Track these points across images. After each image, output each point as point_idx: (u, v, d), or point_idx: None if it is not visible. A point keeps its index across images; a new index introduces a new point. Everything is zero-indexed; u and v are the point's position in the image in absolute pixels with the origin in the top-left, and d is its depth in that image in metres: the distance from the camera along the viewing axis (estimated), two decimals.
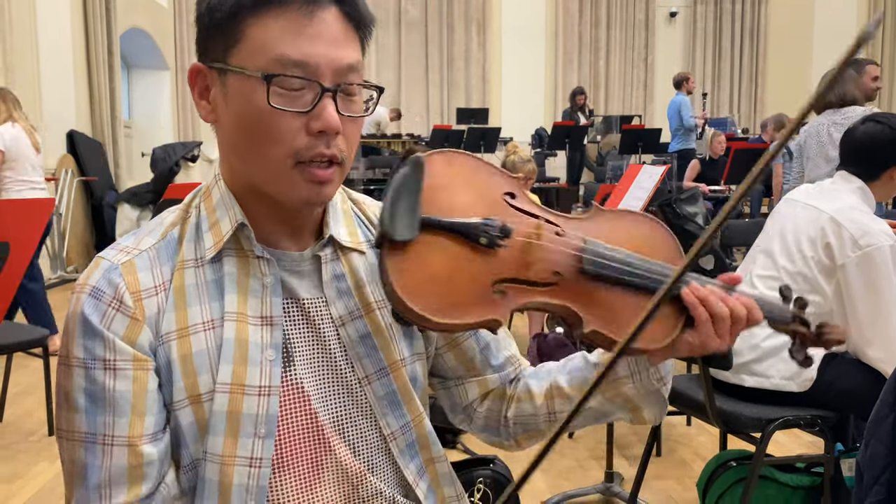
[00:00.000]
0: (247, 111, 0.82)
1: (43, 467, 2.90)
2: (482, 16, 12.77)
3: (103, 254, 0.86)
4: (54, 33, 6.93)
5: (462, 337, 1.02)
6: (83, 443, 0.81)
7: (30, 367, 3.94)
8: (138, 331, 0.82)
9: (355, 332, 0.91)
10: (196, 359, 0.84)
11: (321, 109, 0.80)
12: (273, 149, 0.81)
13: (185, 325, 0.84)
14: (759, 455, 2.03)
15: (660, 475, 2.80)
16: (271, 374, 0.85)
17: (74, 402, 0.82)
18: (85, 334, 0.82)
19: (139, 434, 0.82)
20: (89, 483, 0.81)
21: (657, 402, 0.96)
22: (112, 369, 0.81)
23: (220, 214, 0.88)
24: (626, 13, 13.18)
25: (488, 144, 9.61)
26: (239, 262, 0.87)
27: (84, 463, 0.81)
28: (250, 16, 0.80)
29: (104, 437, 0.81)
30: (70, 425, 0.82)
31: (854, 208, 2.10)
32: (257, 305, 0.86)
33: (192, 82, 0.86)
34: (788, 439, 3.11)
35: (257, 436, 0.84)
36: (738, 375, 2.15)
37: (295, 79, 0.79)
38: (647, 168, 4.05)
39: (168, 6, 9.62)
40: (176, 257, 0.87)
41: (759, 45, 13.49)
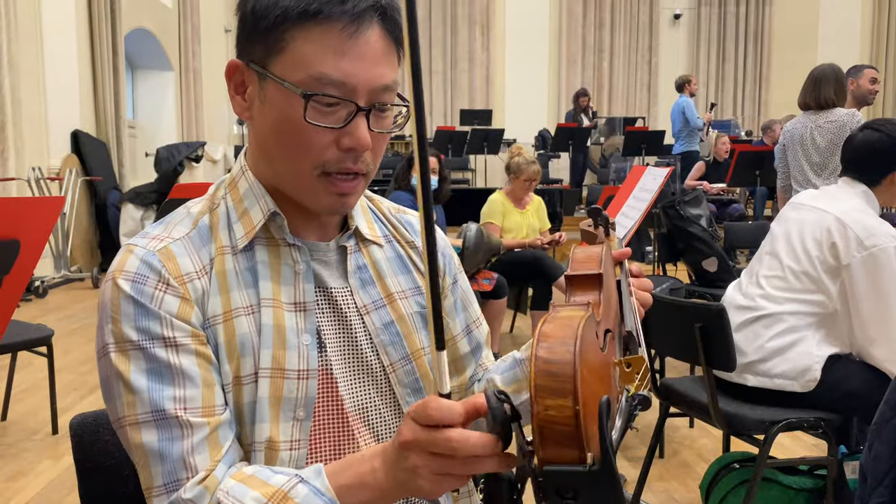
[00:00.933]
0: (282, 120, 0.83)
1: (46, 465, 2.91)
2: (486, 17, 12.78)
3: (134, 241, 0.86)
4: (59, 33, 6.95)
5: (459, 336, 1.05)
6: (153, 422, 0.80)
7: (34, 366, 3.96)
8: (189, 310, 0.83)
9: (380, 321, 0.93)
10: (239, 342, 0.85)
11: (354, 128, 0.82)
12: (302, 159, 0.84)
13: (229, 309, 0.85)
14: (763, 457, 2.03)
15: (662, 477, 2.80)
16: (309, 357, 0.87)
17: (135, 385, 0.80)
18: (137, 316, 0.81)
19: (212, 404, 0.82)
20: (172, 457, 0.79)
21: None
22: (174, 345, 0.81)
23: (248, 204, 0.89)
24: (630, 15, 13.18)
25: (491, 146, 9.62)
26: (270, 251, 0.89)
27: (158, 441, 0.79)
28: (294, 28, 0.81)
29: (177, 410, 0.80)
30: (132, 409, 0.80)
31: (859, 210, 2.12)
32: (290, 292, 0.88)
33: (228, 77, 0.88)
34: (791, 441, 3.10)
35: (296, 419, 0.86)
36: (741, 375, 2.15)
37: (332, 97, 0.81)
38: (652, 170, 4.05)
39: (173, 7, 9.64)
40: (212, 244, 0.88)
41: (762, 47, 13.48)
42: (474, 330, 1.07)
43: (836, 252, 2.08)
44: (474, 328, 1.07)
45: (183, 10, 9.77)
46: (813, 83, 3.90)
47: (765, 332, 2.12)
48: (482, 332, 1.08)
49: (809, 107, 3.94)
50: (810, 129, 3.94)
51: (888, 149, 2.18)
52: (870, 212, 2.15)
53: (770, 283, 2.16)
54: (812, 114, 3.94)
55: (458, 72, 12.77)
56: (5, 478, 2.81)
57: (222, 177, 0.95)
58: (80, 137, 7.26)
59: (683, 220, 4.26)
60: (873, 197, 2.19)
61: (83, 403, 3.62)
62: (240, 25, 0.86)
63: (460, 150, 9.54)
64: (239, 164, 0.93)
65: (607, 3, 13.05)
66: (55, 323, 4.74)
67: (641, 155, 9.12)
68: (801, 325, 2.10)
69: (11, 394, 3.42)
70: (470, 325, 1.06)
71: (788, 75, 13.02)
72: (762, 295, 2.17)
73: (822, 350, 2.09)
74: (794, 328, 2.09)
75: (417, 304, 0.97)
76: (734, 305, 2.22)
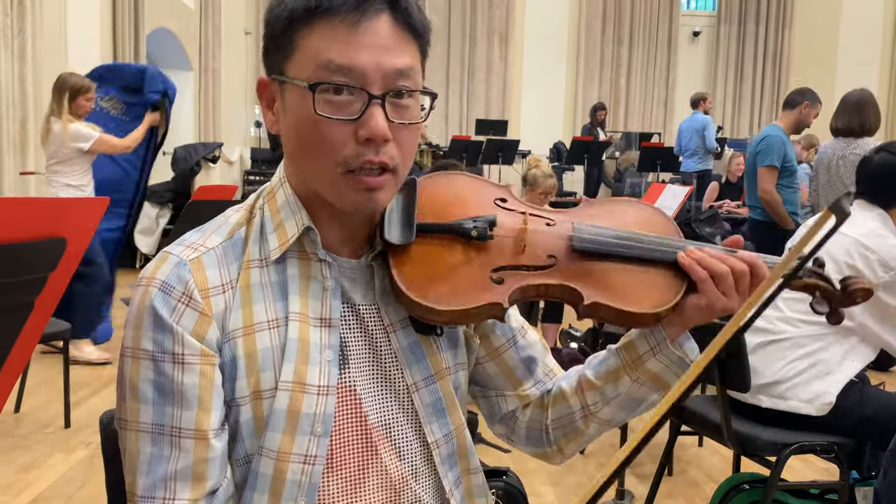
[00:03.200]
0: (299, 120, 0.84)
1: (58, 459, 2.93)
2: (505, 28, 12.81)
3: (170, 249, 0.88)
4: (83, 31, 7.02)
5: (503, 348, 1.04)
6: (150, 434, 0.83)
7: (48, 360, 3.99)
8: (206, 326, 0.84)
9: (405, 339, 0.93)
10: (261, 356, 0.85)
11: (368, 117, 0.81)
12: (323, 157, 0.83)
13: (252, 323, 0.86)
14: (775, 479, 2.03)
15: (671, 495, 2.80)
16: (329, 374, 0.87)
17: (141, 394, 0.83)
18: (155, 327, 0.83)
19: (205, 428, 0.83)
20: (155, 474, 0.82)
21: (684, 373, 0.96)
22: (181, 363, 0.83)
23: (284, 216, 0.90)
24: (649, 31, 13.19)
25: (506, 156, 9.62)
26: (301, 265, 0.89)
27: (150, 454, 0.82)
28: (302, 27, 0.82)
29: (172, 428, 0.83)
30: (135, 416, 0.83)
31: (878, 234, 2.12)
32: (318, 307, 0.89)
33: (260, 94, 0.89)
34: (802, 465, 3.09)
35: (314, 434, 0.86)
36: (755, 396, 2.15)
37: (342, 86, 0.80)
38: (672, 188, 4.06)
39: (195, 8, 9.72)
40: (242, 257, 0.89)
41: (781, 68, 13.45)
42: (520, 339, 1.05)
43: (858, 275, 2.08)
44: (520, 337, 1.05)
45: (205, 11, 9.86)
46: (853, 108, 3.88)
47: (783, 356, 2.12)
48: (530, 340, 1.06)
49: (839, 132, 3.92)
50: (836, 158, 3.93)
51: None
52: (888, 234, 2.16)
53: (788, 305, 2.16)
54: (843, 142, 3.93)
55: (475, 81, 12.80)
56: (17, 470, 2.83)
57: (263, 185, 0.96)
58: None
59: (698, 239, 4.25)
60: (889, 219, 2.20)
61: (95, 398, 3.65)
62: (263, 42, 0.88)
63: (475, 159, 9.55)
64: (278, 174, 0.94)
65: (626, 18, 13.06)
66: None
67: (656, 171, 9.10)
68: (819, 348, 2.10)
69: (25, 387, 3.46)
70: (515, 335, 1.05)
71: None
72: (780, 317, 2.17)
73: (842, 371, 2.09)
74: (813, 352, 2.09)
75: None
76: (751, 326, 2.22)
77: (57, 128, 4.16)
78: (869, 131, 3.88)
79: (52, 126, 4.16)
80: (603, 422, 1.00)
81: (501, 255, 0.93)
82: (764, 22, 13.38)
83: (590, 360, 1.03)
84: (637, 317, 0.91)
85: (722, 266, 0.91)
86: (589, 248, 0.94)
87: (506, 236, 0.94)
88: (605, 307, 0.91)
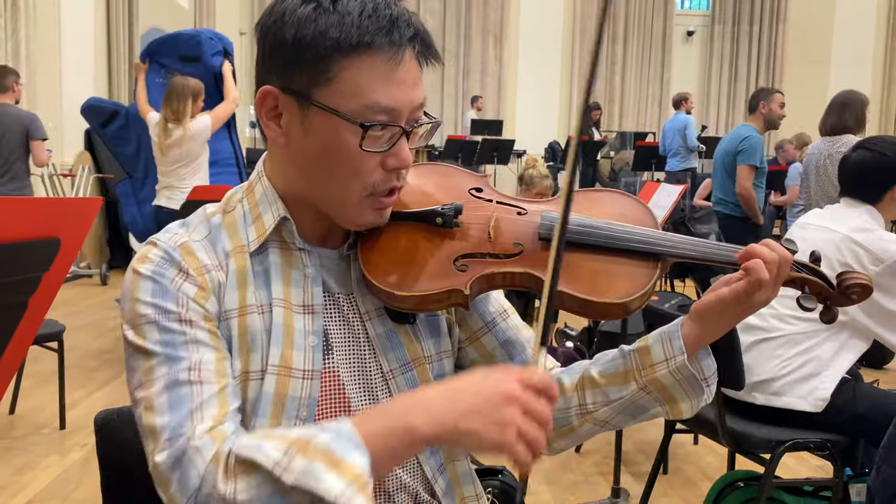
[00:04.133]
0: (331, 148, 0.86)
1: (53, 460, 2.93)
2: (500, 29, 12.83)
3: (157, 237, 0.89)
4: (76, 31, 7.01)
5: (481, 331, 1.04)
6: (166, 388, 0.81)
7: (43, 360, 3.98)
8: (206, 296, 0.86)
9: (381, 328, 0.95)
10: (251, 338, 0.87)
11: (398, 149, 0.88)
12: (352, 183, 0.88)
13: (245, 304, 0.88)
14: (769, 476, 2.04)
15: (666, 493, 2.80)
16: (314, 359, 0.89)
17: (152, 353, 0.82)
18: (154, 293, 0.84)
19: (223, 370, 0.84)
20: (180, 412, 0.79)
21: (694, 392, 0.93)
22: (188, 321, 0.84)
23: (262, 209, 0.92)
24: (644, 31, 13.22)
25: (502, 156, 9.64)
26: (282, 254, 0.92)
27: (168, 399, 0.80)
28: (343, 58, 0.84)
29: (189, 370, 0.81)
30: (149, 375, 0.82)
31: (866, 229, 2.13)
32: (300, 295, 0.91)
33: (260, 104, 0.88)
34: (796, 462, 3.10)
35: (299, 418, 0.87)
36: (750, 394, 2.16)
37: (385, 125, 0.85)
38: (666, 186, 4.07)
39: (189, 7, 9.71)
40: (230, 242, 0.91)
41: (775, 66, 13.49)
42: (500, 323, 1.04)
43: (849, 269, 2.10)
44: (500, 321, 1.05)
45: (199, 11, 9.85)
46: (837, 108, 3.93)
47: (776, 353, 2.13)
48: (511, 324, 1.05)
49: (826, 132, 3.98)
50: (823, 158, 3.98)
51: (884, 166, 2.20)
52: (877, 227, 2.17)
53: (781, 302, 2.17)
54: (829, 141, 3.97)
55: (470, 81, 12.82)
56: (13, 471, 2.83)
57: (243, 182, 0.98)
58: (93, 135, 7.31)
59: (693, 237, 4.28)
60: (877, 213, 2.21)
61: (90, 399, 3.64)
62: (273, 54, 0.86)
63: (470, 158, 9.57)
64: (257, 170, 0.96)
65: (621, 17, 13.09)
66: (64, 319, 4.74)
67: (651, 170, 9.13)
68: (812, 345, 2.11)
69: (20, 388, 3.45)
70: (495, 318, 1.05)
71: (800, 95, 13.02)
72: (774, 315, 2.18)
73: (836, 367, 2.10)
74: (807, 349, 2.10)
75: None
76: (745, 324, 2.23)
77: (179, 133, 4.18)
78: (850, 129, 3.91)
79: (173, 133, 4.20)
80: (598, 423, 0.98)
81: (467, 243, 0.93)
82: (758, 21, 13.42)
83: (598, 356, 1.00)
84: (603, 307, 0.89)
85: (774, 255, 0.88)
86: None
87: (473, 224, 0.95)
88: (570, 296, 0.89)
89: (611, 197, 1.02)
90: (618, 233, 0.94)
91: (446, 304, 0.91)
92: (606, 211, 0.98)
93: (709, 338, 0.92)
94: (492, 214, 0.96)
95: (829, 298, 0.94)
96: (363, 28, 0.83)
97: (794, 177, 6.67)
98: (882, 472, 1.70)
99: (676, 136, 8.52)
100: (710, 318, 0.91)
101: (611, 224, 0.95)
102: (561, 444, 1.03)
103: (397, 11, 0.86)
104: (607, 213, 0.97)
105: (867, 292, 0.93)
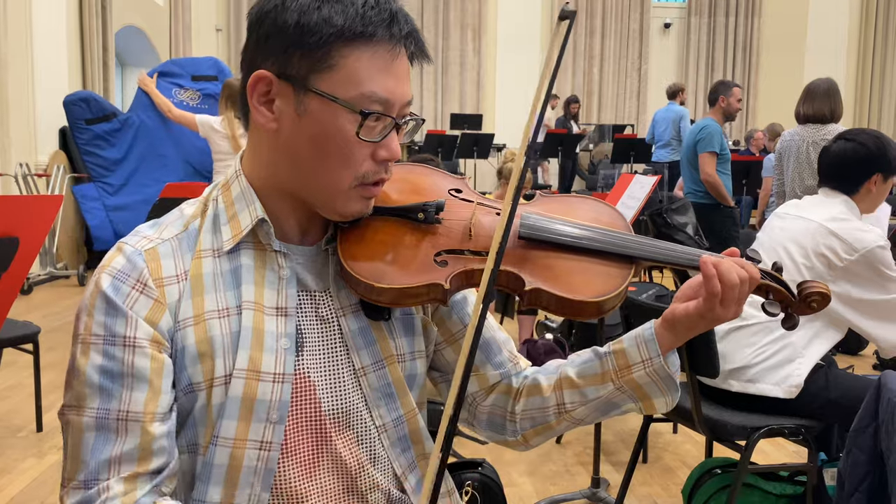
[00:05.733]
0: (325, 134, 0.86)
1: (31, 463, 2.90)
2: (478, 22, 12.82)
3: (125, 240, 0.89)
4: (49, 29, 6.92)
5: (459, 333, 1.04)
6: (96, 419, 0.83)
7: (19, 364, 3.93)
8: (160, 314, 0.85)
9: (355, 324, 0.95)
10: (211, 344, 0.86)
11: (389, 140, 0.89)
12: (343, 171, 0.88)
13: (202, 312, 0.87)
14: (744, 463, 2.06)
15: (646, 482, 2.83)
16: (285, 361, 0.89)
17: (89, 380, 0.83)
18: (107, 312, 0.84)
19: (153, 411, 0.84)
20: (100, 457, 0.82)
21: (668, 389, 0.96)
22: (132, 346, 0.84)
23: (238, 208, 0.91)
24: (621, 23, 13.26)
25: (482, 150, 9.64)
26: (256, 255, 0.91)
27: (95, 438, 0.82)
28: (347, 47, 0.85)
29: (119, 412, 0.83)
30: (83, 401, 0.84)
31: (842, 218, 2.16)
32: (273, 296, 0.90)
33: (251, 89, 0.87)
34: (773, 448, 3.14)
35: (269, 421, 0.87)
36: (725, 381, 2.18)
37: (381, 115, 0.87)
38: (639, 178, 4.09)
39: (164, 4, 9.62)
40: (195, 247, 0.90)
41: (751, 57, 13.60)
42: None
43: (825, 259, 2.13)
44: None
45: (174, 8, 9.75)
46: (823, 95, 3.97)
47: (751, 341, 2.15)
48: (488, 327, 1.06)
49: (809, 119, 4.00)
50: (806, 144, 3.99)
51: (863, 158, 2.23)
52: (853, 218, 2.20)
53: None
54: (813, 128, 4.00)
55: (449, 76, 12.80)
56: None
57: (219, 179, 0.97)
58: (68, 134, 7.23)
59: (670, 228, 4.30)
60: (854, 205, 2.24)
61: None
62: (270, 39, 0.86)
63: (450, 153, 9.57)
64: (234, 167, 0.95)
65: (598, 10, 13.12)
66: (40, 320, 4.71)
67: (630, 162, 9.16)
68: (786, 332, 2.14)
69: None
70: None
71: (776, 84, 13.15)
72: (749, 302, 2.20)
73: (810, 354, 2.12)
74: (781, 336, 2.13)
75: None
76: None
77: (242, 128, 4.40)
78: (837, 118, 3.97)
79: (240, 127, 4.46)
80: (575, 420, 1.01)
81: (448, 239, 0.95)
82: (734, 13, 13.51)
83: (572, 358, 1.03)
84: (578, 305, 0.91)
85: (735, 277, 0.90)
86: (534, 235, 0.95)
87: (454, 221, 0.97)
88: (547, 294, 0.91)
89: (585, 202, 1.05)
90: (595, 235, 0.96)
91: (425, 298, 0.91)
92: (582, 215, 1.01)
93: (680, 342, 0.96)
94: (473, 213, 0.98)
95: (791, 306, 0.97)
96: (367, 18, 0.85)
97: (769, 169, 6.72)
98: (852, 456, 1.72)
99: (669, 126, 8.41)
100: (680, 329, 0.94)
101: (588, 226, 0.97)
102: (537, 441, 1.05)
103: (396, 7, 0.88)
104: (583, 218, 1.00)
105: (826, 301, 0.95)
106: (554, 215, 0.99)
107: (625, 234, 0.97)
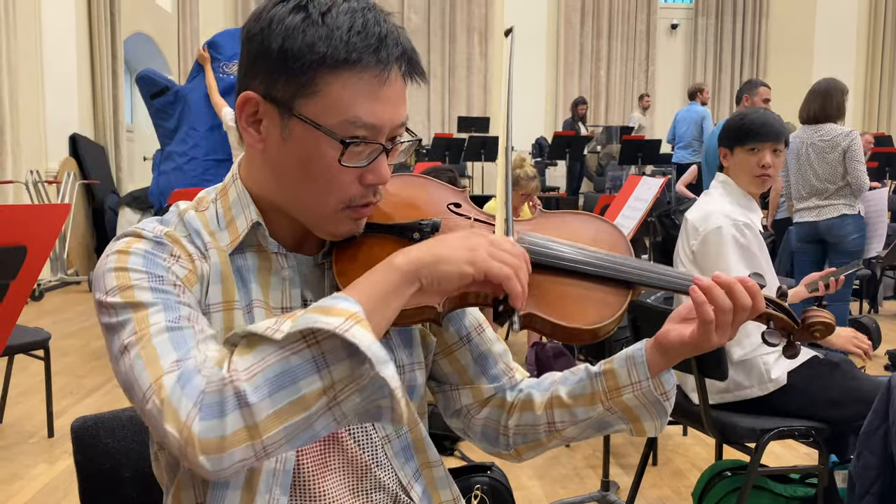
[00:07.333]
0: (309, 159, 0.85)
1: (42, 469, 2.92)
2: (484, 25, 12.82)
3: (139, 228, 0.87)
4: (59, 37, 6.97)
5: (456, 345, 1.04)
6: (167, 326, 0.78)
7: (30, 370, 3.96)
8: (193, 282, 0.85)
9: None
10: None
11: (377, 165, 0.87)
12: (328, 196, 0.87)
13: (231, 300, 0.87)
14: (754, 465, 2.05)
15: (655, 484, 2.82)
16: None
17: (148, 304, 0.79)
18: (146, 264, 0.82)
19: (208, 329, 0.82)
20: (186, 346, 0.76)
21: (658, 414, 0.95)
22: (180, 287, 0.83)
23: (235, 213, 0.91)
24: (628, 24, 13.24)
25: (489, 153, 9.64)
26: (259, 256, 0.91)
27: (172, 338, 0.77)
28: (330, 73, 0.82)
29: (189, 319, 0.80)
30: (145, 322, 0.78)
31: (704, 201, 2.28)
32: (278, 297, 0.91)
33: (240, 109, 0.88)
34: (784, 450, 3.13)
35: None
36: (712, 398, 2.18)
37: (364, 140, 0.85)
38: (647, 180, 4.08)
39: (172, 11, 9.67)
40: (209, 238, 0.89)
41: (759, 58, 13.55)
42: (475, 337, 1.05)
43: (689, 250, 2.24)
44: (475, 335, 1.05)
45: (182, 14, 9.81)
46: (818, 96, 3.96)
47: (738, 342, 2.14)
48: (486, 338, 1.06)
49: (807, 120, 4.00)
50: (806, 146, 3.99)
51: (723, 132, 2.32)
52: (716, 198, 2.25)
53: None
54: (811, 129, 3.99)
55: (455, 79, 12.80)
56: (0, 481, 2.81)
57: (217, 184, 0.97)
58: (78, 141, 7.27)
59: (678, 229, 4.29)
60: (731, 182, 2.27)
61: (79, 407, 3.62)
62: (258, 60, 0.85)
63: (458, 156, 9.57)
64: (231, 173, 0.95)
65: (605, 12, 13.11)
66: (51, 326, 4.74)
67: (638, 164, 9.14)
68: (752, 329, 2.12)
69: (7, 397, 3.43)
70: (470, 333, 1.05)
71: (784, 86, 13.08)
72: None
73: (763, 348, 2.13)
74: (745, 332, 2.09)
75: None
76: None
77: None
78: (832, 118, 3.94)
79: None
80: (567, 438, 1.01)
81: None
82: (741, 14, 13.47)
83: (565, 375, 1.02)
84: (572, 332, 0.89)
85: (726, 302, 0.88)
86: (532, 259, 0.91)
87: None
88: (541, 319, 0.89)
89: (585, 220, 1.02)
90: (592, 259, 0.93)
91: (419, 319, 0.89)
92: (580, 235, 0.98)
93: (672, 364, 0.94)
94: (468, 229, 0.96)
95: (793, 334, 0.94)
96: (351, 45, 0.82)
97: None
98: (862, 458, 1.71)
99: (691, 126, 8.30)
100: (672, 353, 0.93)
101: (586, 250, 0.94)
102: (529, 455, 1.06)
103: (386, 29, 0.85)
104: (581, 237, 0.97)
105: (829, 330, 0.93)
106: (552, 236, 0.96)
107: (623, 257, 0.94)
